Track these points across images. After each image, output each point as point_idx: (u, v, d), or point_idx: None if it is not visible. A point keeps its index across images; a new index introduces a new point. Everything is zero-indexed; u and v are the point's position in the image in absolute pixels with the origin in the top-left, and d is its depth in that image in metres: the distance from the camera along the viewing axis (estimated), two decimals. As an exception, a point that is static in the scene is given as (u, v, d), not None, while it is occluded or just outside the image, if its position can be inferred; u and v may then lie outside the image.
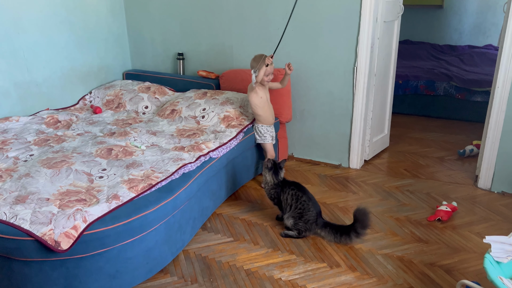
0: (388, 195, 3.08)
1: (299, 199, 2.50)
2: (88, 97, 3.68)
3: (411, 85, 4.73)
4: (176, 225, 2.27)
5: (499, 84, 2.89)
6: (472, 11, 5.68)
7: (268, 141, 3.05)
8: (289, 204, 2.53)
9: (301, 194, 2.51)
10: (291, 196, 2.52)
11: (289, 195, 2.53)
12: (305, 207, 2.48)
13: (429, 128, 4.41)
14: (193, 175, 2.41)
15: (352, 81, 3.27)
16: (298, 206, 2.50)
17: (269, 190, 2.63)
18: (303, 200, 2.49)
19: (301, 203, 2.49)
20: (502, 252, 1.74)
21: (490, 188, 3.10)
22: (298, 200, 2.50)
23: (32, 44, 3.22)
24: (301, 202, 2.49)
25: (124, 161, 2.47)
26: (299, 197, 2.50)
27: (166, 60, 4.02)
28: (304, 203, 2.49)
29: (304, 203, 2.49)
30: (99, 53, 3.80)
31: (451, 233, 2.61)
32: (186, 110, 3.21)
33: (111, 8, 3.86)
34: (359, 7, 3.08)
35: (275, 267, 2.32)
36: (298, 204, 2.50)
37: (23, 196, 2.06)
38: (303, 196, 2.51)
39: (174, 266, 2.33)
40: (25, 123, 3.04)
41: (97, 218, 1.92)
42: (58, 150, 2.61)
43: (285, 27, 2.96)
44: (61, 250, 1.80)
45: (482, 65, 5.01)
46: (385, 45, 3.42)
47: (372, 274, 2.26)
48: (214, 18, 3.65)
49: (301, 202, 2.49)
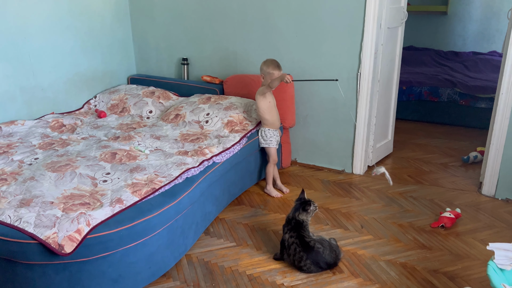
0: (391, 201, 3.07)
1: (297, 253, 2.27)
2: (93, 101, 3.70)
3: (415, 91, 4.73)
4: (179, 230, 2.28)
5: (503, 91, 2.89)
6: (477, 18, 5.68)
7: (273, 145, 3.06)
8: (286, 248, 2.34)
9: (300, 249, 2.26)
10: (291, 247, 2.30)
11: (292, 245, 2.30)
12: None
13: (432, 134, 4.41)
14: (196, 180, 2.42)
15: (356, 87, 3.27)
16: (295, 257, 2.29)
17: None
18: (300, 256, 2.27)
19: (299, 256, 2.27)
20: (506, 260, 1.74)
21: (494, 194, 3.09)
22: (296, 253, 2.28)
23: (38, 49, 3.25)
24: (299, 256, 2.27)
25: (128, 165, 2.48)
26: (297, 251, 2.27)
27: (170, 65, 4.05)
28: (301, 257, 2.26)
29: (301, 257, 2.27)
30: (104, 58, 3.83)
31: (454, 239, 2.60)
32: (190, 115, 3.22)
33: (116, 14, 3.90)
34: (363, 13, 3.10)
35: (277, 272, 2.31)
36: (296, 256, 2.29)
37: (28, 199, 2.07)
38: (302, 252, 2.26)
39: (177, 270, 2.33)
40: (30, 127, 3.07)
41: (100, 221, 1.93)
42: (63, 154, 2.63)
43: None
44: (64, 254, 1.80)
45: (486, 71, 5.00)
46: (389, 51, 3.43)
47: (375, 280, 2.25)
48: (219, 24, 3.68)
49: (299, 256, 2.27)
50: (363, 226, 2.75)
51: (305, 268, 2.28)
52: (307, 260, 2.25)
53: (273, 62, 2.89)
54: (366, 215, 2.87)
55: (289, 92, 3.31)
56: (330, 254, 2.29)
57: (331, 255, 2.29)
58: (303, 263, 2.26)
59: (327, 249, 2.29)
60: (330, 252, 2.29)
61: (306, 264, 2.26)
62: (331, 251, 2.30)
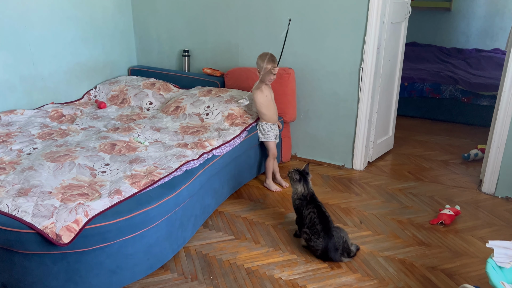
0: (391, 197, 3.06)
1: (314, 225, 2.33)
2: (93, 92, 3.69)
3: (417, 88, 4.71)
4: (177, 222, 2.27)
5: (506, 89, 2.87)
6: (480, 15, 5.65)
7: (271, 139, 3.05)
8: (306, 223, 2.39)
9: (318, 221, 2.33)
10: (310, 218, 2.36)
11: (309, 215, 2.37)
12: (315, 234, 2.34)
13: (433, 131, 4.39)
14: (196, 172, 2.41)
15: (358, 82, 3.26)
16: (312, 230, 2.35)
17: (295, 200, 2.47)
18: (316, 229, 2.32)
19: (315, 230, 2.33)
20: (505, 257, 1.73)
21: (494, 192, 3.08)
22: (314, 226, 2.34)
23: (38, 39, 3.23)
24: (315, 229, 2.33)
25: (127, 157, 2.47)
26: (315, 223, 2.33)
27: (171, 56, 4.03)
28: (316, 231, 2.33)
29: (316, 232, 2.33)
30: (105, 48, 3.81)
31: (453, 237, 2.59)
32: (190, 107, 3.21)
33: (118, 4, 3.87)
34: (367, 8, 3.07)
35: (275, 266, 2.31)
36: (313, 229, 2.35)
37: (26, 189, 2.06)
38: (319, 224, 2.32)
39: (175, 262, 2.33)
40: (29, 117, 3.05)
41: (99, 212, 1.92)
42: (62, 144, 2.61)
43: (283, 43, 2.88)
44: (62, 244, 1.80)
45: (489, 69, 4.97)
46: (392, 46, 3.40)
47: (373, 276, 2.25)
48: (221, 16, 3.65)
49: (315, 229, 2.33)
50: (362, 221, 2.75)
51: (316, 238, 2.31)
52: (321, 232, 2.29)
53: (268, 56, 2.85)
54: (366, 211, 2.87)
55: (290, 86, 3.29)
56: (341, 243, 2.32)
57: (342, 244, 2.32)
58: (316, 235, 2.31)
59: (342, 238, 2.32)
60: (343, 243, 2.32)
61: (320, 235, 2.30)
62: (343, 243, 2.33)
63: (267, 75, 2.86)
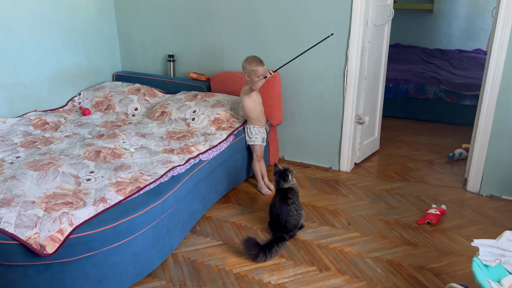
0: (377, 198, 3.08)
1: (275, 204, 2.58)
2: (77, 98, 3.64)
3: (401, 89, 4.76)
4: (164, 229, 2.25)
5: (488, 88, 2.91)
6: (462, 16, 5.74)
7: (258, 143, 3.04)
8: None
9: (278, 202, 2.55)
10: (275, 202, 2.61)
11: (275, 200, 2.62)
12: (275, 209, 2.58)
13: (419, 132, 4.44)
14: (182, 178, 2.39)
15: (343, 84, 3.28)
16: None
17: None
18: (276, 207, 2.56)
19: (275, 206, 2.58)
20: (490, 256, 1.75)
21: (478, 191, 3.12)
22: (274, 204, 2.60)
23: (19, 45, 3.17)
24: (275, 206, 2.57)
25: (112, 164, 2.44)
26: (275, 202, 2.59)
27: (156, 62, 4.00)
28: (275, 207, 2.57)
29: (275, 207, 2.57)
30: (88, 54, 3.76)
31: (440, 236, 2.62)
32: (176, 112, 3.19)
33: (100, 10, 3.83)
34: (350, 11, 3.09)
35: (264, 270, 2.30)
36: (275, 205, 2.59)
37: (8, 199, 2.02)
38: (276, 203, 2.57)
39: (163, 270, 2.30)
40: (12, 125, 3.00)
41: (83, 221, 1.89)
42: (45, 152, 2.57)
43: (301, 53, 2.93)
44: (46, 254, 1.77)
45: (471, 69, 5.05)
46: (376, 48, 3.44)
47: (362, 277, 2.26)
48: (205, 20, 3.64)
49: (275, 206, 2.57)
50: (349, 223, 2.76)
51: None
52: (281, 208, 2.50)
53: (255, 59, 2.84)
54: (353, 212, 2.88)
55: (276, 90, 3.30)
56: (293, 221, 2.53)
57: (293, 222, 2.53)
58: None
59: (296, 217, 2.54)
60: (294, 220, 2.53)
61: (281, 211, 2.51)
62: (296, 221, 2.55)
63: (259, 83, 2.82)
